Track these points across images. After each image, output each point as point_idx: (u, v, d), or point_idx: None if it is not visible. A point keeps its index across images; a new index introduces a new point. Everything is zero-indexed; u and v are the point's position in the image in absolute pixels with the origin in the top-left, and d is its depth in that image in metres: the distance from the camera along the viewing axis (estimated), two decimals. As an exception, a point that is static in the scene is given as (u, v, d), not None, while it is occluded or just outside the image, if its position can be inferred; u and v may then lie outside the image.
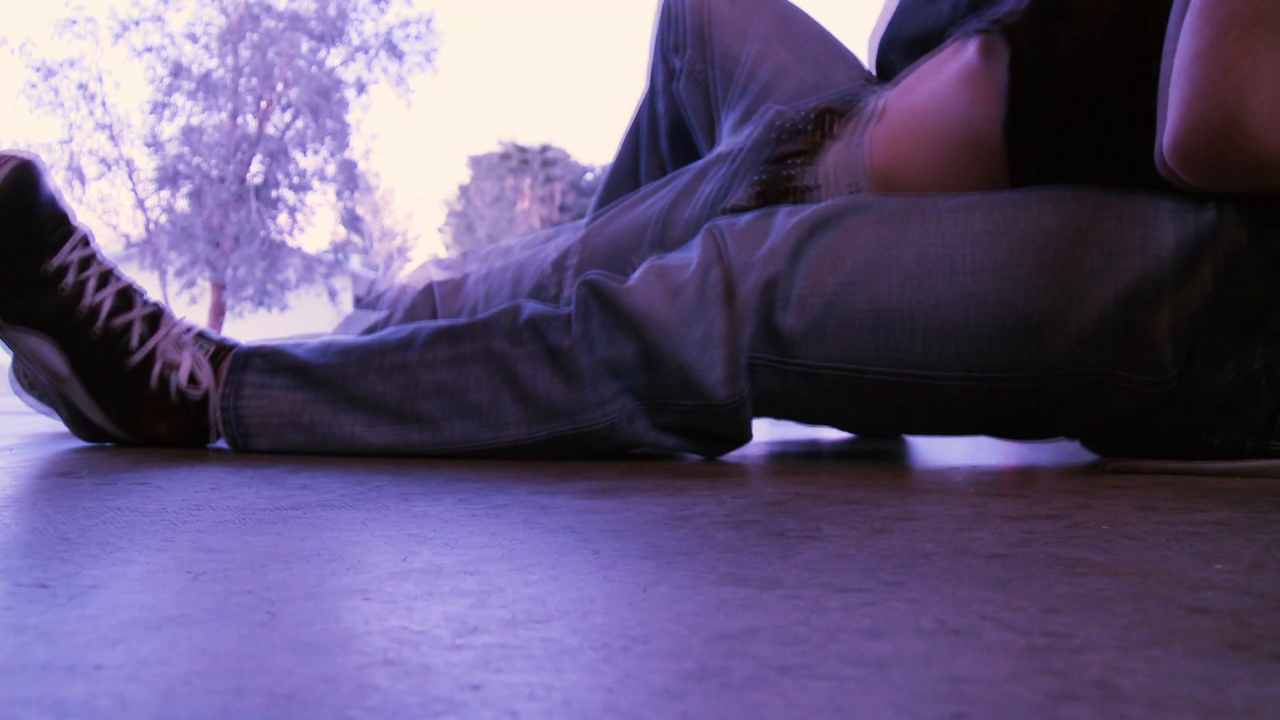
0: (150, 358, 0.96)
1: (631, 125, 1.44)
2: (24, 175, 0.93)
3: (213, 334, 1.00)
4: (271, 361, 0.94)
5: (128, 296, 0.97)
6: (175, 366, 0.95)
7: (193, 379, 0.96)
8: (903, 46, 1.14)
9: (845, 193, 0.92)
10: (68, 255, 0.95)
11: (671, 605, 0.37)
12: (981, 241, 0.79)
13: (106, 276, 0.97)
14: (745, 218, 0.88)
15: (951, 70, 0.91)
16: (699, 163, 1.06)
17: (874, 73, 1.20)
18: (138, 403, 0.96)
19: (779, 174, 0.95)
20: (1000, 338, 0.79)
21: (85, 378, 0.96)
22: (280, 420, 0.92)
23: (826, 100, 1.04)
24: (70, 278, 0.95)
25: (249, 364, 0.95)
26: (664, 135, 1.36)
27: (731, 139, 1.08)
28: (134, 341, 0.95)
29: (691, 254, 0.87)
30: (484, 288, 1.11)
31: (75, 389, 0.96)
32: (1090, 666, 0.30)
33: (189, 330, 0.98)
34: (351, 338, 0.95)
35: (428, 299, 1.15)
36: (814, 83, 1.16)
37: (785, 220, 0.85)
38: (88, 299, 0.95)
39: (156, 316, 0.97)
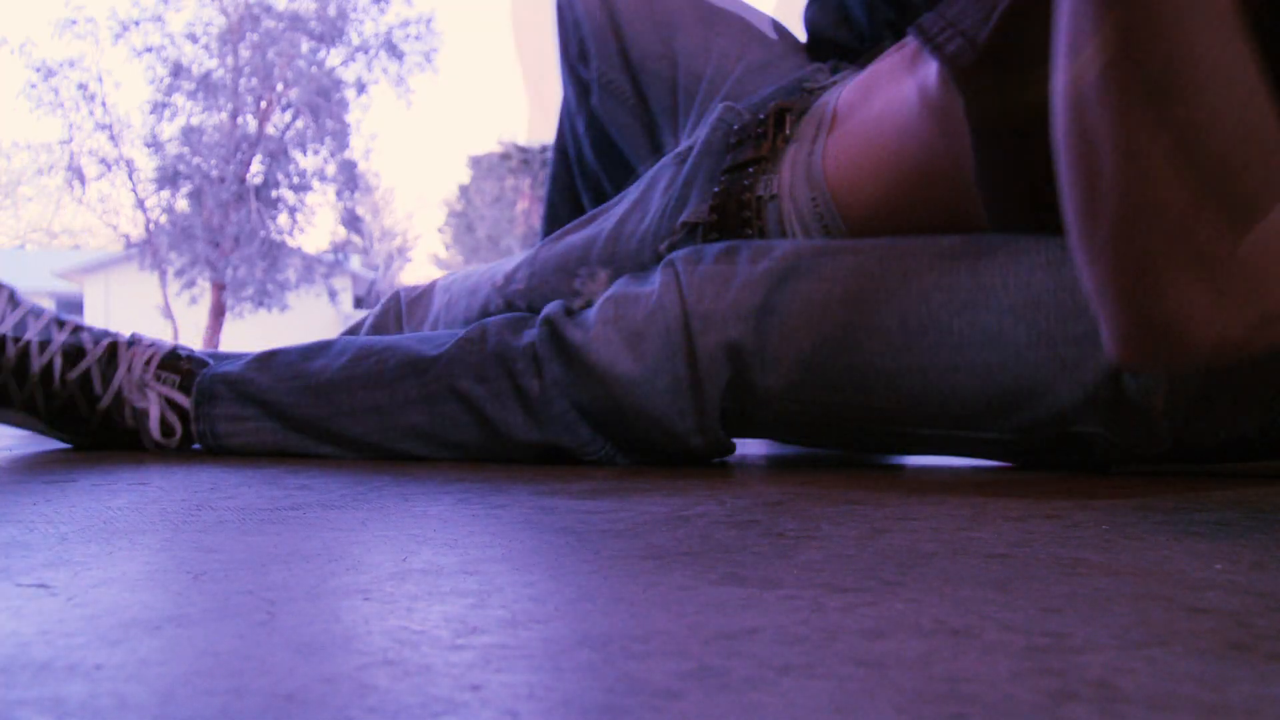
0: (119, 399, 0.93)
1: (557, 144, 1.35)
2: None
3: (178, 352, 0.96)
4: (238, 390, 0.92)
5: (77, 342, 0.93)
6: (145, 414, 0.93)
7: (166, 429, 0.93)
8: (817, 48, 1.08)
9: (809, 207, 0.86)
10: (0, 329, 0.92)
11: (671, 605, 0.37)
12: (969, 308, 0.75)
13: (48, 331, 0.93)
14: (706, 257, 0.83)
15: (910, 93, 0.82)
16: (650, 171, 1.00)
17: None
18: (117, 437, 0.95)
19: (736, 183, 0.90)
20: (988, 403, 0.76)
21: (60, 430, 0.95)
22: (263, 448, 0.92)
23: (780, 97, 0.97)
24: (11, 351, 0.92)
25: (215, 395, 0.92)
26: (590, 153, 1.28)
27: (685, 143, 1.01)
28: (98, 388, 0.93)
29: (648, 288, 0.83)
30: (445, 297, 1.08)
31: (56, 436, 0.96)
32: (1090, 666, 0.30)
33: (150, 361, 0.94)
34: (307, 362, 0.92)
35: (394, 305, 1.14)
36: (759, 62, 1.08)
37: (749, 266, 0.80)
38: (35, 364, 0.92)
39: (112, 352, 0.94)
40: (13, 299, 0.95)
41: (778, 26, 1.16)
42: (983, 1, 0.76)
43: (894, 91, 0.85)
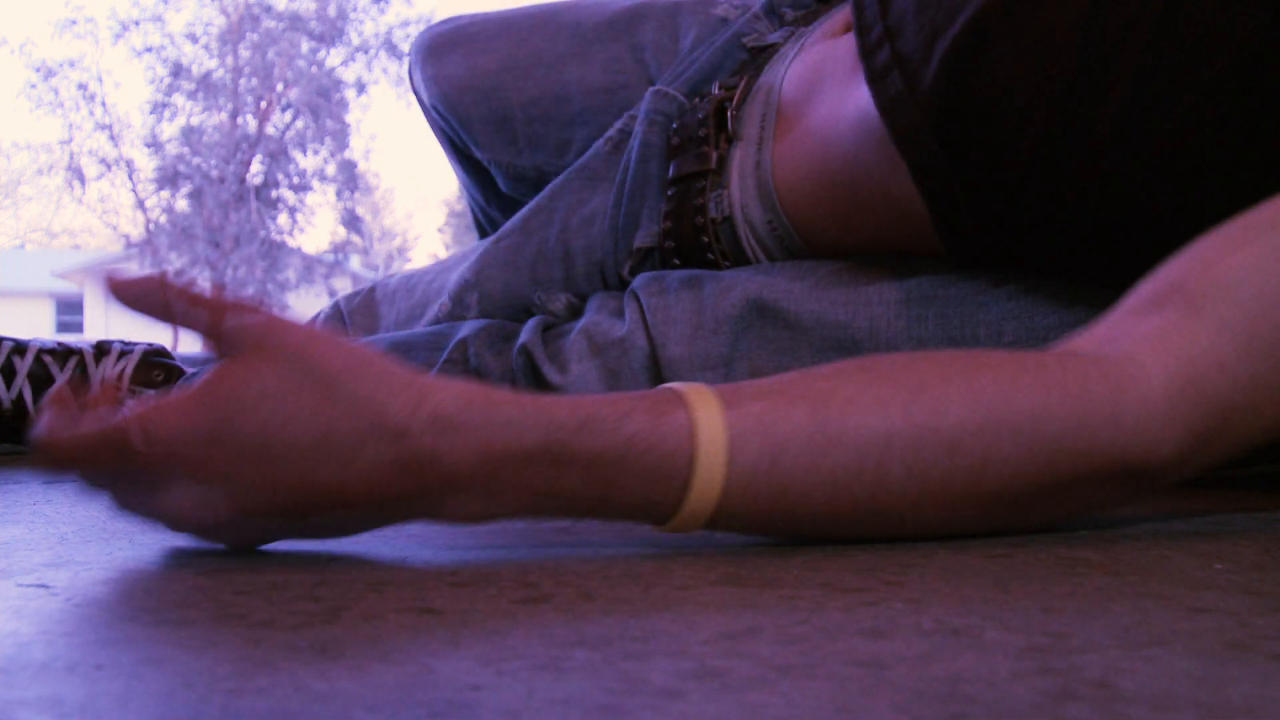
0: None
1: (478, 228, 1.25)
2: None
3: (151, 359, 0.95)
4: None
5: (42, 365, 0.92)
6: None
7: None
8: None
9: (765, 228, 0.81)
10: None
11: (671, 605, 0.37)
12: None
13: (10, 364, 0.92)
14: (670, 287, 0.78)
15: (851, 113, 0.74)
16: (579, 163, 0.93)
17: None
18: None
19: (687, 204, 0.83)
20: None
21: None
22: None
23: (719, 69, 0.91)
24: None
25: None
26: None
27: (612, 132, 0.92)
28: None
29: (620, 325, 0.79)
30: (393, 312, 1.02)
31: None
32: (1090, 666, 0.30)
33: (123, 372, 0.93)
34: None
35: (335, 315, 1.09)
36: (668, 41, 1.00)
37: (711, 305, 0.76)
38: (5, 399, 0.92)
39: (82, 368, 0.93)
40: None
41: (642, 8, 1.05)
42: (924, 17, 0.68)
43: (840, 94, 0.78)
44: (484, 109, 1.06)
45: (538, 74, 1.05)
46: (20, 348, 0.93)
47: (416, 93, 1.16)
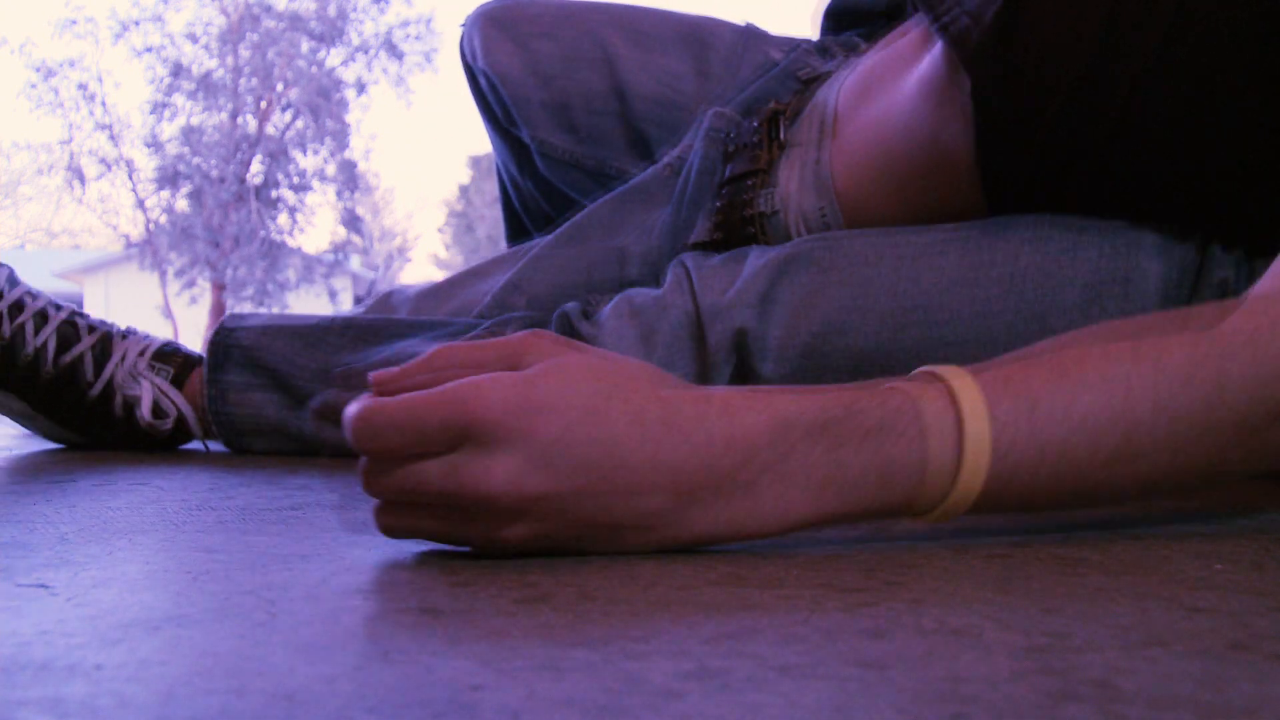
0: (109, 388, 0.93)
1: (506, 216, 1.28)
2: None
3: (171, 346, 0.96)
4: (250, 356, 0.92)
5: (72, 327, 0.94)
6: (136, 401, 0.93)
7: (158, 411, 0.93)
8: (837, 18, 1.05)
9: (816, 216, 0.87)
10: None
11: (671, 605, 0.37)
12: (959, 286, 0.75)
13: (43, 316, 0.93)
14: (717, 258, 0.83)
15: (911, 83, 0.82)
16: (637, 182, 0.97)
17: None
18: (108, 429, 0.94)
19: (736, 199, 0.89)
20: None
21: (50, 415, 0.94)
22: (270, 427, 0.92)
23: (772, 93, 0.96)
24: (5, 327, 0.92)
25: (229, 357, 0.92)
26: (547, 205, 1.20)
27: (670, 151, 0.98)
28: (89, 374, 0.93)
29: (661, 291, 0.83)
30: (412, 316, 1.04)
31: (43, 424, 0.96)
32: (1090, 666, 0.30)
33: (144, 352, 0.94)
34: (328, 349, 0.92)
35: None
36: (725, 67, 1.04)
37: (754, 262, 0.81)
38: (30, 344, 0.92)
39: (106, 341, 0.94)
40: (11, 278, 0.94)
41: (713, 19, 1.10)
42: None
43: (894, 86, 0.84)
44: (543, 94, 1.10)
45: (599, 69, 1.09)
46: (58, 306, 0.95)
47: (467, 59, 1.18)
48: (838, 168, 0.86)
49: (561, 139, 1.11)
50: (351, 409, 0.44)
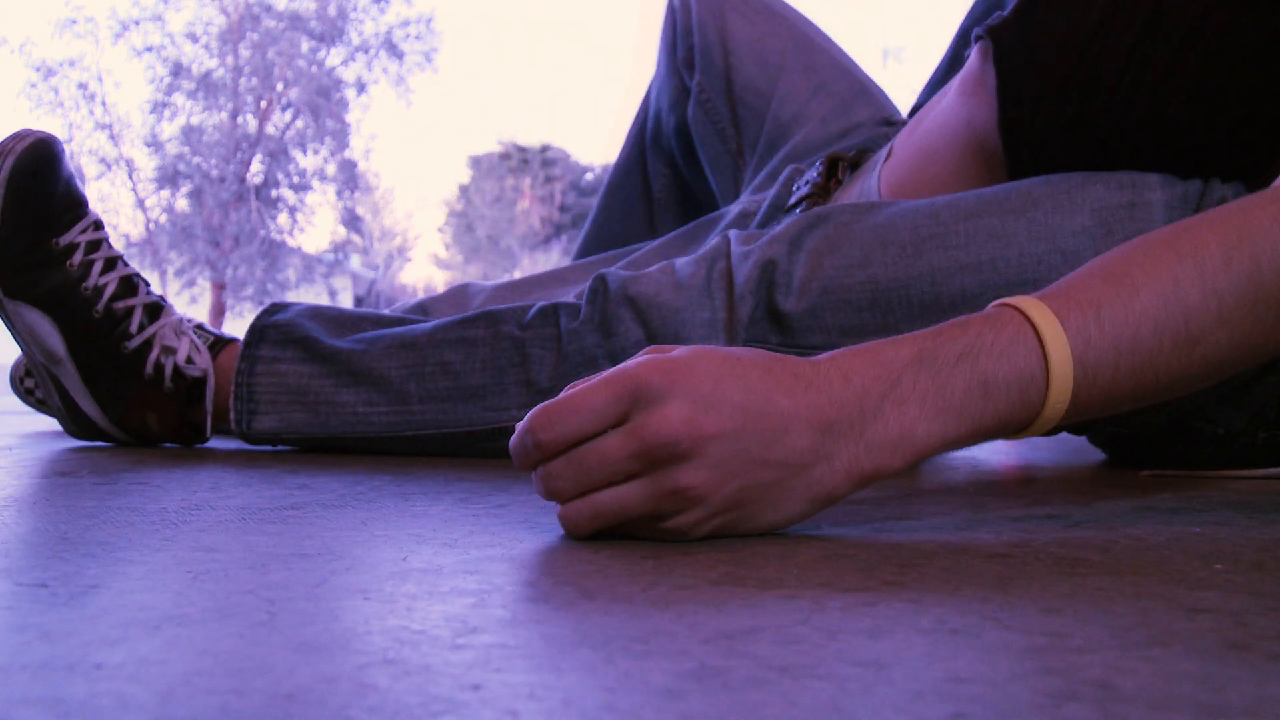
0: (148, 344, 0.96)
1: (635, 132, 1.41)
2: (43, 151, 0.94)
3: (211, 328, 1.01)
4: (285, 333, 0.95)
5: (132, 284, 0.98)
6: (172, 351, 0.96)
7: (190, 359, 0.96)
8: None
9: None
10: (77, 236, 0.95)
11: (671, 605, 0.37)
12: (973, 215, 0.81)
13: (113, 262, 0.97)
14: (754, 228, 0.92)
15: (952, 87, 0.93)
16: (723, 219, 1.07)
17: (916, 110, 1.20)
18: (131, 389, 0.96)
19: (789, 216, 0.98)
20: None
21: (80, 360, 0.96)
22: (288, 395, 0.93)
23: (839, 150, 1.07)
24: (77, 258, 0.95)
25: (264, 337, 0.95)
26: (677, 153, 1.34)
27: (753, 197, 1.09)
28: (133, 327, 0.96)
29: (699, 252, 0.90)
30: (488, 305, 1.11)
31: (69, 372, 0.97)
32: (1090, 666, 0.30)
33: (189, 321, 1.00)
34: (363, 330, 0.96)
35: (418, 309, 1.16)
36: (837, 127, 1.16)
37: (786, 220, 0.87)
38: (92, 280, 0.95)
39: (158, 308, 0.98)
40: (98, 224, 0.98)
41: (869, 90, 1.21)
42: None
43: (938, 106, 0.94)
44: (722, 61, 1.24)
45: (767, 73, 1.22)
46: (126, 263, 0.99)
47: None
48: (885, 180, 0.95)
49: (721, 105, 1.24)
50: (521, 425, 0.49)
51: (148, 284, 1.00)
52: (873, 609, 0.36)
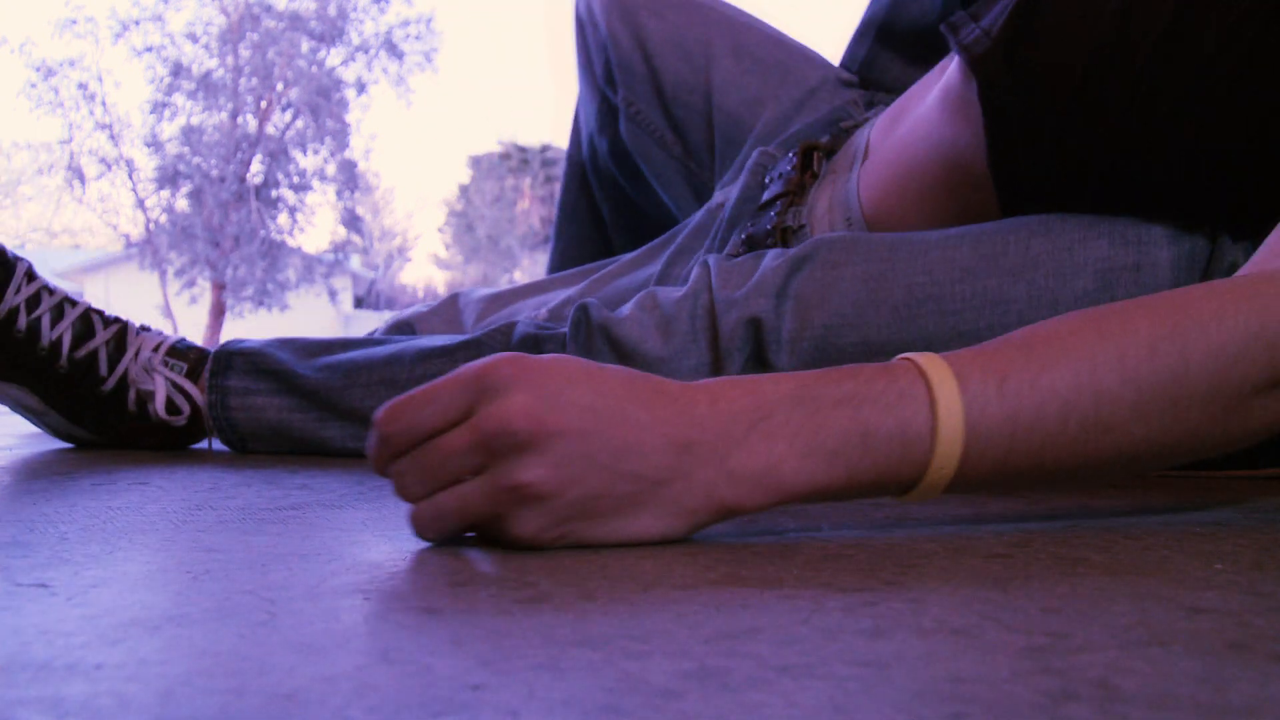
0: (123, 383, 0.93)
1: (570, 162, 1.34)
2: None
3: (186, 343, 0.97)
4: (253, 363, 0.92)
5: (87, 322, 0.94)
6: (150, 396, 0.93)
7: (172, 407, 0.93)
8: (900, 39, 1.11)
9: (842, 229, 0.89)
10: (12, 299, 0.91)
11: (671, 605, 0.37)
12: (970, 275, 0.76)
13: (60, 308, 0.93)
14: (738, 259, 0.86)
15: (933, 95, 0.86)
16: (695, 218, 1.03)
17: (850, 64, 1.14)
18: (120, 422, 0.94)
19: (766, 215, 0.94)
20: None
21: (63, 410, 0.94)
22: (271, 431, 0.92)
23: (813, 133, 1.02)
24: (22, 321, 0.91)
25: (230, 365, 0.93)
26: (619, 175, 1.27)
27: (724, 190, 1.04)
28: (103, 369, 0.93)
29: (683, 289, 0.85)
30: (474, 321, 1.09)
31: (55, 419, 0.95)
32: (1090, 666, 0.30)
33: (158, 347, 0.95)
34: (328, 348, 0.94)
35: (402, 328, 1.15)
36: (791, 97, 1.10)
37: (771, 260, 0.82)
38: (45, 338, 0.92)
39: (121, 336, 0.95)
40: (30, 273, 0.94)
41: (810, 56, 1.16)
42: (1002, 2, 0.79)
43: (918, 107, 0.88)
44: (644, 68, 1.17)
45: (696, 65, 1.15)
46: (73, 301, 0.95)
47: (580, 10, 1.24)
48: (865, 186, 0.90)
49: (654, 114, 1.18)
50: (371, 430, 0.48)
51: (102, 312, 0.96)
52: (873, 609, 0.36)
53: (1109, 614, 0.36)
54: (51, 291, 0.94)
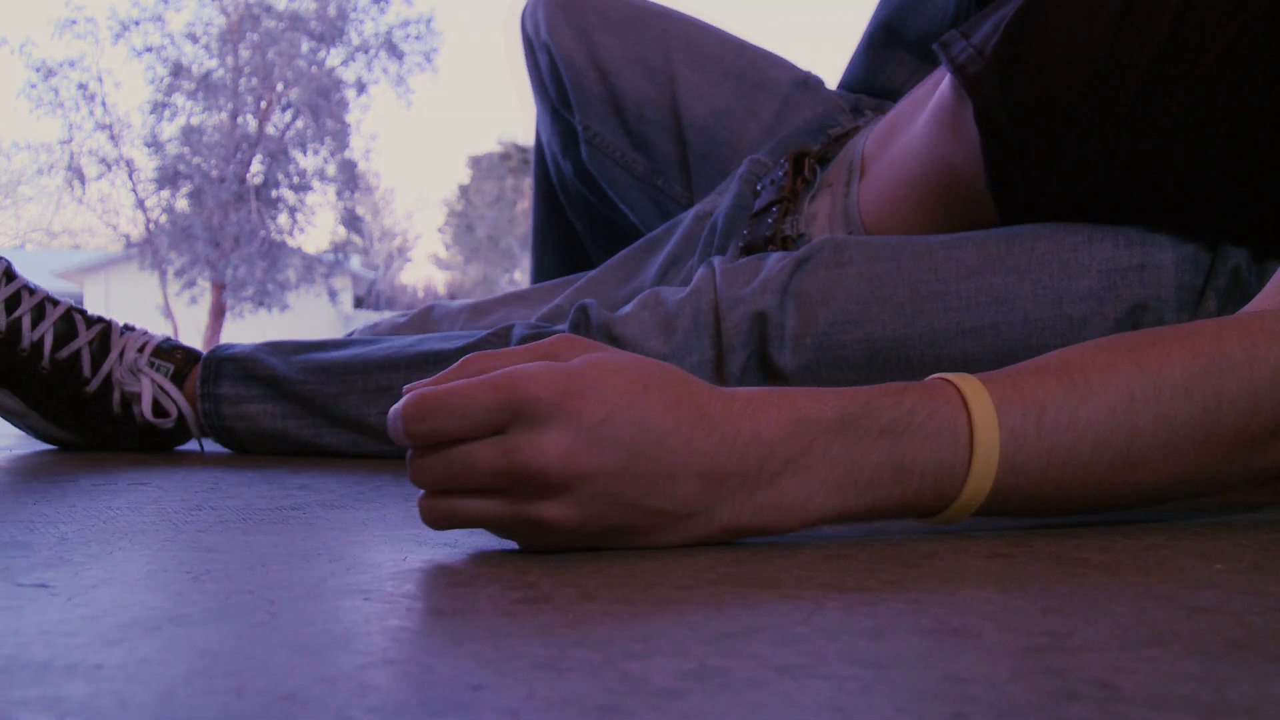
0: (107, 383, 0.92)
1: (537, 186, 1.31)
2: None
3: (172, 342, 0.95)
4: (244, 369, 0.92)
5: (70, 322, 0.92)
6: (135, 398, 0.92)
7: (159, 409, 0.92)
8: (910, 44, 1.10)
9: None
10: None
11: (671, 605, 0.37)
12: (976, 274, 0.77)
13: (40, 307, 0.92)
14: (741, 260, 0.85)
15: (928, 111, 0.86)
16: (679, 224, 1.01)
17: (856, 71, 1.12)
18: (105, 425, 0.93)
19: (763, 223, 0.93)
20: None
21: (45, 412, 0.93)
22: (268, 438, 0.92)
23: (801, 140, 1.01)
24: (2, 321, 0.90)
25: (221, 371, 0.92)
26: (588, 194, 1.24)
27: (712, 198, 1.03)
28: (86, 370, 0.91)
29: (685, 290, 0.85)
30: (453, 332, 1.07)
31: (37, 421, 0.94)
32: (1090, 666, 0.30)
33: (144, 347, 0.93)
34: (320, 348, 0.93)
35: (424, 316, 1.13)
36: (772, 112, 1.09)
37: (777, 260, 0.82)
38: (26, 339, 0.91)
39: (105, 335, 0.93)
40: (8, 272, 0.92)
41: (770, 58, 1.14)
42: (994, 18, 0.80)
43: (915, 121, 0.88)
44: (601, 88, 1.13)
45: (658, 81, 1.11)
46: (55, 301, 0.93)
47: (528, 32, 1.20)
48: (865, 200, 0.90)
49: (614, 136, 1.14)
50: (399, 403, 0.45)
51: (82, 311, 0.94)
52: (873, 609, 0.36)
53: (1109, 614, 0.36)
54: (32, 291, 0.93)
